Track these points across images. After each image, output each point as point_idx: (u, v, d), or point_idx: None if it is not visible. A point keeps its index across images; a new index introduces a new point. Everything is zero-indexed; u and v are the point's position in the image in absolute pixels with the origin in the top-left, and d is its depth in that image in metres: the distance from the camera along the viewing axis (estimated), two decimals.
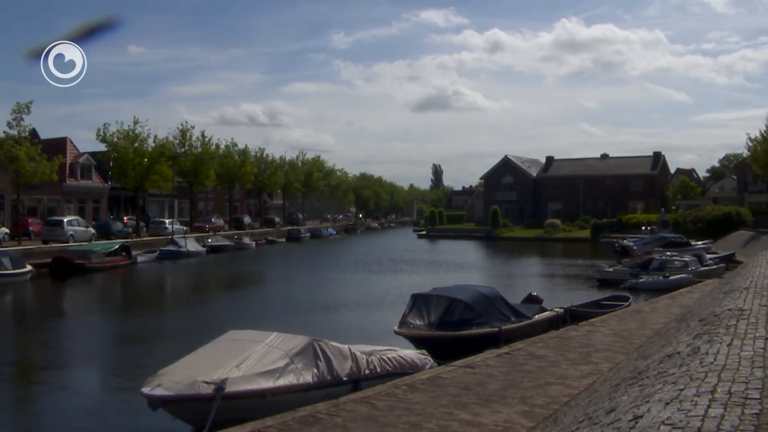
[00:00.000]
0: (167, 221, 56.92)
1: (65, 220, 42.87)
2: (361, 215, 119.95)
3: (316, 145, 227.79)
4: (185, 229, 55.64)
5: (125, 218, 56.63)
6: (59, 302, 29.60)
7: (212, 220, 65.17)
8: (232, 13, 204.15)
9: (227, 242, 55.30)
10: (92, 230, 44.46)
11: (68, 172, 53.55)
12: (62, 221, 42.29)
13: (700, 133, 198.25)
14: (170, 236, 49.54)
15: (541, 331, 15.36)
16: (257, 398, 9.32)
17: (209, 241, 53.48)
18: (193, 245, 48.49)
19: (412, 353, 12.46)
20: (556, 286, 30.92)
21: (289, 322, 18.48)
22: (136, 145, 51.46)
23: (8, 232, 42.05)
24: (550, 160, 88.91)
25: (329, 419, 8.14)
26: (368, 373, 10.98)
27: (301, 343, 10.33)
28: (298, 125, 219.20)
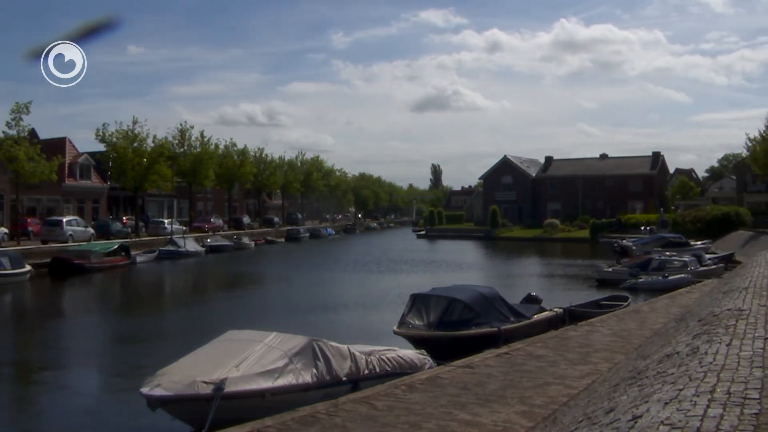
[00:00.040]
0: (166, 221, 56.92)
1: (64, 220, 42.84)
2: (360, 215, 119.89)
3: (315, 145, 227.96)
4: (184, 229, 55.62)
5: (124, 218, 56.56)
6: (58, 302, 29.59)
7: (211, 220, 65.15)
8: (231, 13, 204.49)
9: (226, 242, 55.29)
10: (91, 230, 44.43)
11: (67, 172, 53.53)
12: (61, 221, 42.27)
13: (699, 133, 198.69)
14: (169, 236, 49.56)
15: (540, 331, 15.37)
16: (256, 398, 9.32)
17: (208, 241, 53.48)
18: (192, 245, 48.50)
19: (411, 353, 12.46)
20: (555, 286, 30.92)
21: (288, 322, 18.48)
22: (135, 145, 51.47)
23: (7, 232, 42.04)
24: (549, 160, 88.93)
25: (328, 419, 8.14)
26: (367, 373, 10.98)
27: (300, 343, 10.33)
28: (297, 125, 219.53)
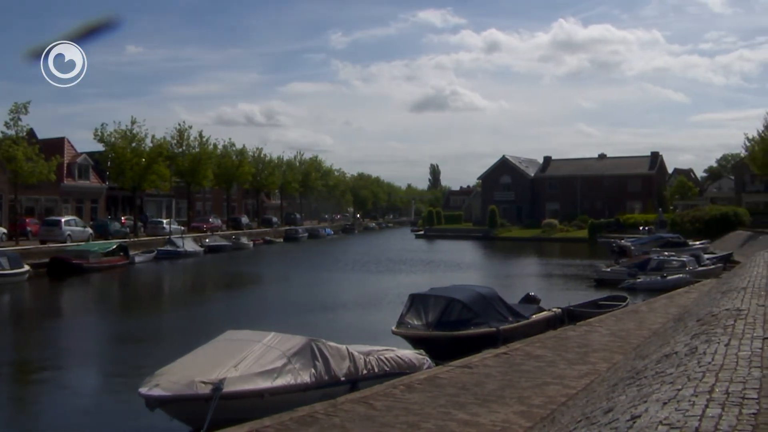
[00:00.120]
0: (165, 221, 56.90)
1: (63, 220, 42.76)
2: (358, 215, 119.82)
3: (313, 145, 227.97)
4: (183, 229, 55.57)
5: (123, 218, 56.52)
6: (57, 302, 29.55)
7: (210, 220, 65.06)
8: (230, 13, 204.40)
9: (225, 242, 55.24)
10: (90, 230, 44.36)
11: (66, 172, 53.48)
12: (60, 221, 42.20)
13: (697, 133, 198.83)
14: (168, 236, 49.50)
15: (538, 331, 15.38)
16: (255, 398, 9.32)
17: (207, 241, 53.44)
18: (190, 245, 48.46)
19: (409, 353, 12.46)
20: (553, 286, 30.93)
21: (286, 322, 18.47)
22: (133, 145, 51.45)
23: (6, 232, 42.07)
24: (547, 160, 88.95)
25: (327, 419, 8.14)
26: (366, 373, 10.98)
27: (298, 343, 10.33)
28: (295, 125, 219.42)
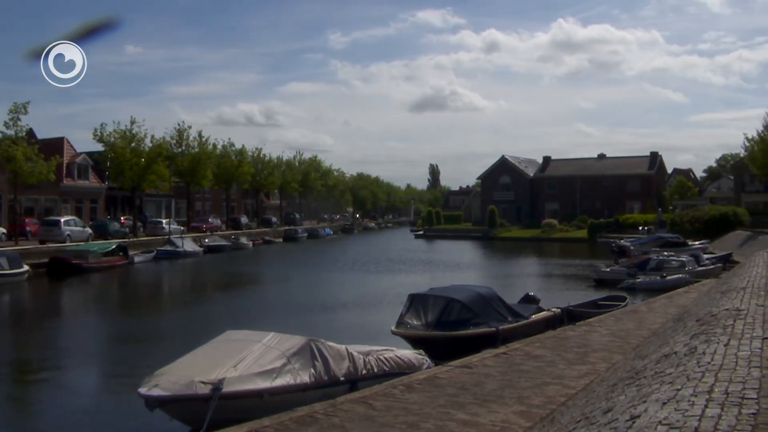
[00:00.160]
0: (164, 221, 56.91)
1: (62, 220, 42.75)
2: (358, 215, 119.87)
3: (313, 145, 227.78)
4: (182, 229, 55.48)
5: (122, 218, 56.52)
6: (56, 302, 29.54)
7: (209, 220, 65.04)
8: (229, 13, 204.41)
9: (224, 242, 55.23)
10: (89, 230, 44.33)
11: (65, 172, 53.45)
12: (59, 221, 42.18)
13: (696, 133, 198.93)
14: (167, 236, 49.50)
15: (538, 331, 15.38)
16: (254, 398, 9.32)
17: (206, 241, 53.43)
18: (190, 245, 48.44)
19: (409, 353, 12.46)
20: (553, 286, 30.93)
21: (286, 322, 18.46)
22: (133, 145, 51.40)
23: (5, 232, 42.06)
24: (547, 160, 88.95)
25: (326, 419, 8.13)
26: (365, 373, 10.98)
27: (298, 343, 10.33)
28: (295, 125, 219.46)
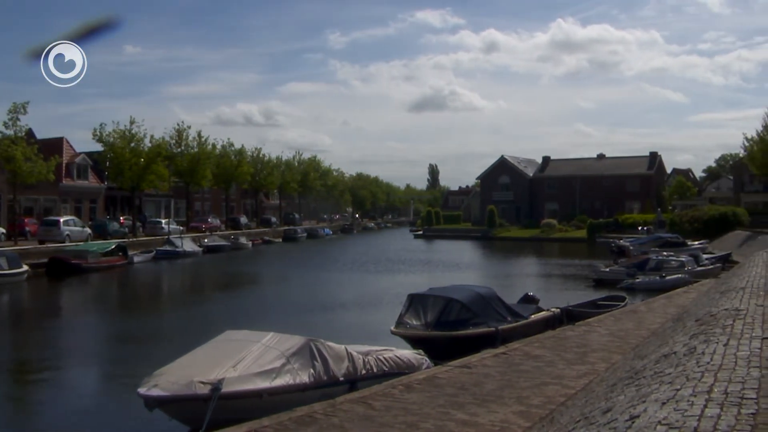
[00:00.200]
0: (164, 221, 56.87)
1: (62, 220, 42.71)
2: (357, 215, 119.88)
3: (312, 145, 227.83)
4: (182, 229, 55.53)
5: (122, 218, 56.52)
6: (56, 302, 29.52)
7: (209, 220, 65.02)
8: (228, 13, 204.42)
9: (224, 242, 55.19)
10: (89, 230, 44.31)
11: (65, 172, 53.44)
12: (59, 221, 42.15)
13: (696, 133, 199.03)
14: (167, 236, 49.48)
15: (537, 331, 15.38)
16: (254, 398, 9.32)
17: (206, 241, 53.40)
18: (189, 245, 48.42)
19: (408, 353, 12.45)
20: (552, 286, 30.93)
21: (285, 322, 18.45)
22: (132, 145, 51.35)
23: (5, 232, 42.04)
24: (546, 160, 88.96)
25: (326, 419, 8.13)
26: (365, 373, 10.98)
27: (297, 343, 10.33)
28: (294, 125, 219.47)
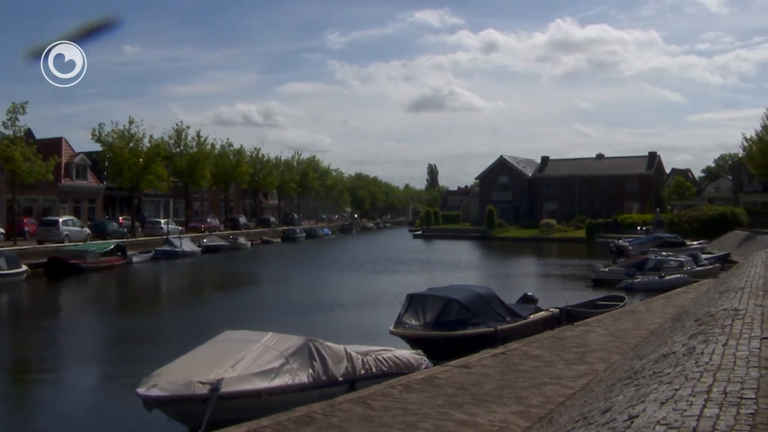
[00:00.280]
0: (163, 221, 56.82)
1: (60, 220, 42.70)
2: (356, 215, 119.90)
3: (311, 145, 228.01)
4: (180, 229, 55.50)
5: (120, 218, 56.48)
6: (55, 302, 29.51)
7: (208, 220, 65.04)
8: (227, 13, 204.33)
9: (223, 242, 55.17)
10: (87, 230, 44.33)
11: (63, 172, 53.42)
12: (57, 221, 42.13)
13: (695, 133, 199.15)
14: (165, 236, 49.42)
15: (536, 331, 15.37)
16: (253, 398, 9.32)
17: (204, 241, 53.37)
18: (188, 245, 48.38)
19: (407, 353, 12.45)
20: (551, 286, 30.93)
21: (284, 322, 18.45)
22: (131, 145, 51.29)
23: (4, 232, 42.01)
24: (545, 160, 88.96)
25: (325, 419, 8.13)
26: (364, 373, 10.97)
27: (296, 343, 10.32)
28: (293, 125, 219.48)
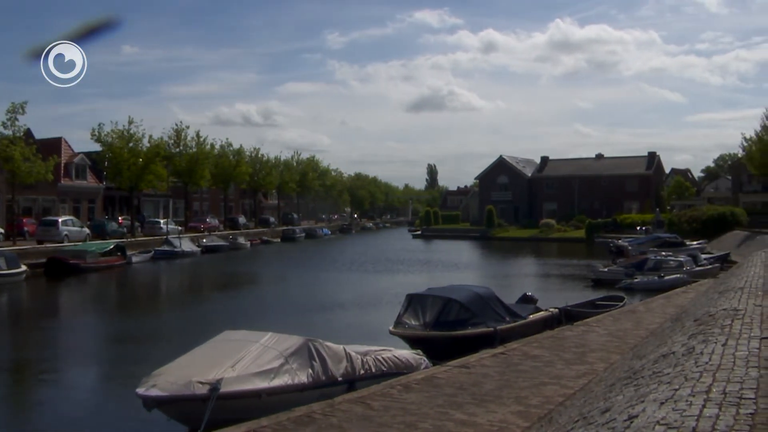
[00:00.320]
0: (162, 221, 56.78)
1: (60, 220, 42.68)
2: (356, 215, 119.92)
3: (311, 145, 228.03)
4: (180, 229, 55.47)
5: (120, 218, 56.47)
6: (54, 302, 29.51)
7: (207, 220, 65.04)
8: (227, 13, 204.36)
9: (222, 242, 55.16)
10: (87, 230, 44.32)
11: (63, 172, 53.41)
12: (57, 221, 42.11)
13: (694, 133, 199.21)
14: (165, 236, 49.41)
15: (536, 331, 15.37)
16: (252, 398, 9.31)
17: (204, 241, 53.36)
18: (187, 245, 48.37)
19: (407, 353, 12.45)
20: (551, 286, 30.93)
21: (284, 322, 18.45)
22: (131, 145, 51.26)
23: (3, 232, 41.99)
24: (545, 160, 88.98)
25: (324, 419, 8.13)
26: (363, 373, 10.97)
27: (296, 343, 10.32)
28: (292, 125, 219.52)
